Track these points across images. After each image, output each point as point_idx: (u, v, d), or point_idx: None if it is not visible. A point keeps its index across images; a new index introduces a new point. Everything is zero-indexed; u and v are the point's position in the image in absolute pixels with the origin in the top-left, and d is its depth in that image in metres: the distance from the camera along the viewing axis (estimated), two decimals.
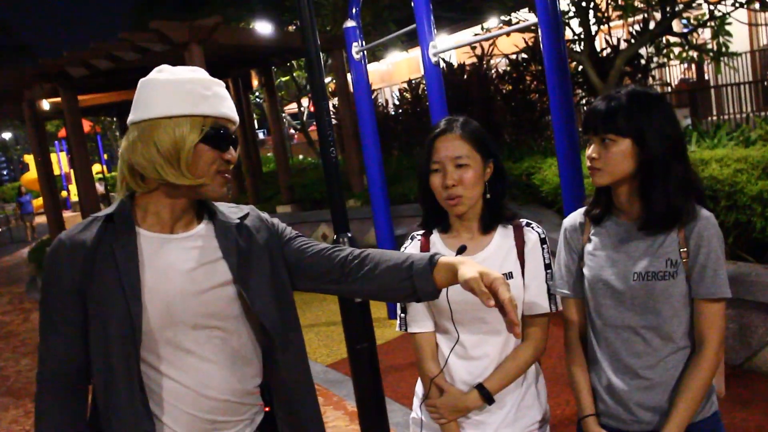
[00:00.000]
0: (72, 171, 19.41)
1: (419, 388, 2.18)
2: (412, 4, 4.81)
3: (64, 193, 26.12)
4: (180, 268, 1.62)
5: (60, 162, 26.80)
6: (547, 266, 2.06)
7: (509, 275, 2.01)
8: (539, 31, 3.79)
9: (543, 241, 2.06)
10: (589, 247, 2.01)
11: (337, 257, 1.74)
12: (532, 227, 2.08)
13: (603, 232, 1.98)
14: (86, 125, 21.35)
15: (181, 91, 1.57)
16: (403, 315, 2.12)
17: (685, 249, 1.84)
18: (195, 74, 1.63)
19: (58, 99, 10.07)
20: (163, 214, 1.65)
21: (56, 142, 27.10)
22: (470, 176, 1.96)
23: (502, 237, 2.06)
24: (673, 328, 1.88)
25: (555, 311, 2.07)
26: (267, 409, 1.79)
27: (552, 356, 4.87)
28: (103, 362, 1.56)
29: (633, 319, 1.91)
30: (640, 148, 1.84)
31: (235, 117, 1.67)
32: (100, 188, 18.37)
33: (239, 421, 1.70)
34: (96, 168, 27.95)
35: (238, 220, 1.75)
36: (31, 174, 26.20)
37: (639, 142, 1.83)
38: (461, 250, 1.74)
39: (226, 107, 1.63)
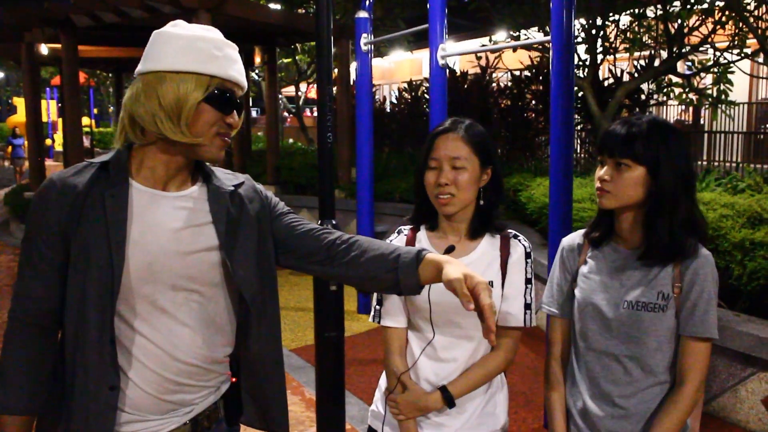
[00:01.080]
0: (60, 120, 19.21)
1: (383, 382, 2.18)
2: (428, 5, 4.80)
3: (48, 141, 25.83)
4: (167, 226, 1.60)
5: (48, 110, 26.49)
6: (528, 281, 2.05)
7: (490, 284, 1.99)
8: (550, 50, 3.80)
9: (528, 255, 2.06)
10: (584, 269, 2.01)
11: (325, 239, 1.74)
12: (519, 240, 2.07)
13: (600, 256, 1.98)
14: (81, 77, 21.12)
15: (191, 48, 1.55)
16: (378, 307, 2.12)
17: (679, 284, 1.84)
18: (208, 33, 1.60)
19: (58, 45, 9.96)
20: (158, 169, 1.63)
21: (48, 89, 26.78)
22: (465, 178, 1.95)
23: (489, 245, 2.05)
24: (656, 361, 1.88)
25: (529, 326, 2.06)
26: (234, 379, 1.78)
27: (514, 373, 4.90)
28: (77, 309, 1.54)
29: (617, 347, 1.91)
30: (652, 178, 1.83)
31: (243, 82, 1.65)
32: (85, 142, 18.17)
33: (204, 387, 1.69)
34: (84, 121, 27.62)
35: (233, 187, 1.73)
36: (18, 117, 25.88)
37: (653, 171, 1.83)
38: (449, 250, 1.74)
39: (235, 70, 1.61)
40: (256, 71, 19.36)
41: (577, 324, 2.00)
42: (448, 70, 11.47)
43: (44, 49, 11.57)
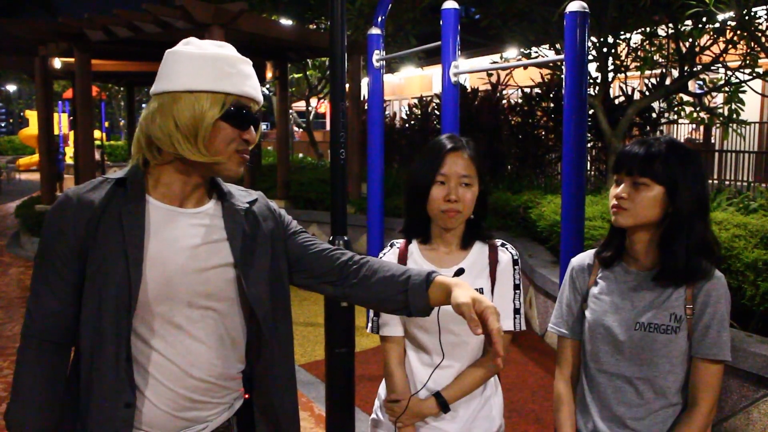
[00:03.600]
0: (71, 133, 19.30)
1: (382, 390, 2.25)
2: (441, 22, 4.82)
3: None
4: (184, 243, 1.60)
5: (60, 123, 26.66)
6: (516, 286, 2.14)
7: (480, 291, 2.08)
8: (564, 67, 3.80)
9: (515, 263, 2.15)
10: (594, 290, 2.00)
11: (338, 259, 1.75)
12: (507, 248, 2.17)
13: (611, 276, 1.98)
14: (93, 90, 21.25)
15: (205, 66, 1.55)
16: (375, 318, 2.19)
17: (692, 306, 1.83)
18: (221, 50, 1.61)
19: (71, 59, 10.04)
20: (175, 187, 1.63)
21: (59, 102, 26.98)
22: (471, 196, 2.06)
23: (478, 254, 2.14)
24: (668, 383, 1.88)
25: (519, 330, 2.13)
26: (246, 396, 1.78)
27: (524, 391, 4.88)
28: (93, 326, 1.54)
29: (628, 369, 1.90)
30: (670, 199, 1.84)
31: (259, 97, 1.65)
32: (96, 155, 18.26)
33: (218, 404, 1.69)
34: (96, 134, 27.81)
35: (247, 205, 1.74)
36: (30, 130, 26.05)
37: (671, 192, 1.84)
38: (459, 273, 1.77)
39: (250, 86, 1.61)
40: (267, 86, 19.45)
41: (588, 345, 1.99)
42: (459, 87, 11.47)
43: (57, 62, 11.68)
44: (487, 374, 2.13)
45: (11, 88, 44.97)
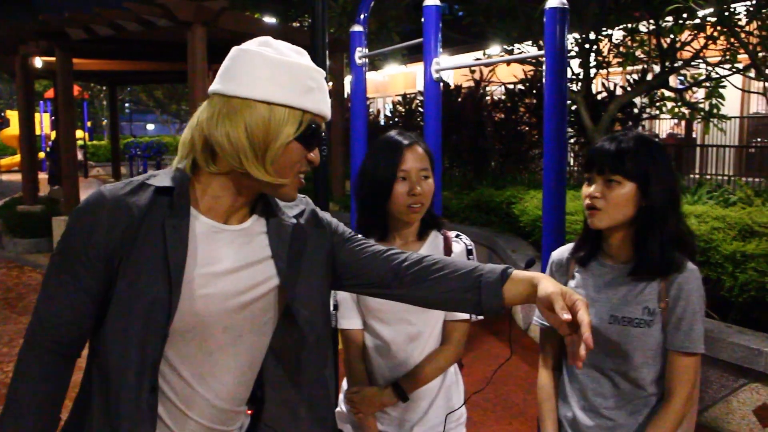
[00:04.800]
0: (53, 133, 19.17)
1: (344, 384, 2.28)
2: (423, 19, 4.84)
3: (41, 154, 25.80)
4: (226, 265, 1.45)
5: (42, 123, 26.47)
6: None
7: None
8: (544, 64, 3.84)
9: (469, 252, 2.19)
10: (571, 283, 2.03)
11: (393, 260, 1.60)
12: (461, 239, 2.21)
13: (587, 271, 2.00)
14: (75, 90, 21.11)
15: (286, 77, 1.39)
16: (334, 312, 2.20)
17: (665, 299, 1.85)
18: (302, 59, 1.43)
19: (52, 59, 9.97)
20: (224, 201, 1.47)
21: (41, 102, 26.78)
22: (431, 187, 2.10)
23: (433, 244, 2.18)
24: (643, 375, 1.89)
25: (474, 320, 2.15)
26: (249, 412, 1.65)
27: (508, 384, 4.91)
28: (116, 350, 1.38)
29: (604, 361, 1.93)
30: (642, 194, 1.84)
31: (329, 114, 1.49)
32: (79, 155, 18.12)
33: (233, 430, 1.58)
34: (78, 134, 27.58)
35: (294, 220, 1.57)
36: (12, 130, 25.79)
37: (643, 187, 1.84)
38: (530, 264, 1.77)
39: (326, 104, 1.46)
40: None
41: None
42: (442, 84, 11.49)
43: (39, 62, 11.58)
44: (446, 364, 2.16)
45: None
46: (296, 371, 1.58)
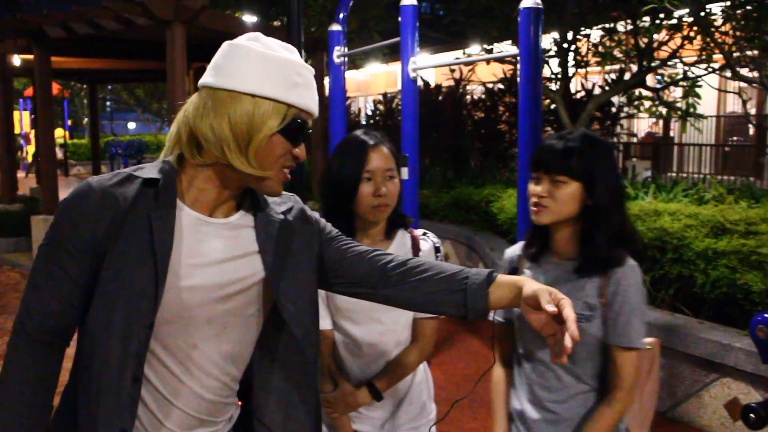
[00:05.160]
0: (33, 132, 19.03)
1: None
2: (399, 18, 4.88)
3: (19, 154, 25.60)
4: (211, 257, 1.46)
5: (21, 121, 26.26)
6: None
7: None
8: (519, 63, 3.89)
9: (437, 250, 2.21)
10: None
11: (379, 261, 1.60)
12: (428, 236, 2.23)
13: (537, 267, 2.03)
14: (55, 88, 20.98)
15: (273, 71, 1.41)
16: None
17: (605, 294, 1.88)
18: (291, 55, 1.45)
19: (31, 57, 9.89)
20: (209, 193, 1.48)
21: (21, 100, 26.57)
22: (396, 187, 2.10)
23: (400, 243, 2.18)
24: (585, 369, 1.94)
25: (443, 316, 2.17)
26: (240, 403, 1.68)
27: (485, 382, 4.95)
28: (99, 341, 1.40)
29: (549, 355, 1.96)
30: (588, 193, 1.88)
31: (317, 112, 1.51)
32: (59, 153, 18.02)
33: (221, 422, 1.59)
34: (58, 133, 27.39)
35: (282, 216, 1.58)
36: None
37: (588, 186, 1.88)
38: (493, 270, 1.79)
39: (313, 100, 1.48)
40: None
41: (517, 332, 2.07)
42: (422, 83, 11.56)
43: (17, 60, 11.49)
44: (418, 361, 2.18)
45: None
46: (284, 366, 1.60)
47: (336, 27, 6.08)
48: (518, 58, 3.92)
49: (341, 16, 6.10)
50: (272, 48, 1.44)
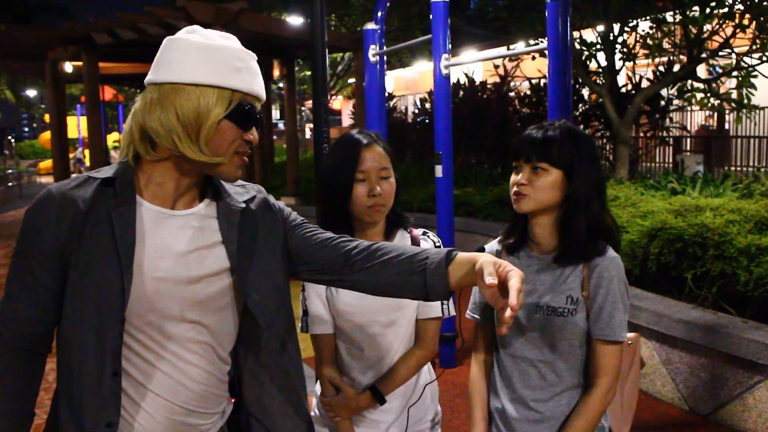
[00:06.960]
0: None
1: (318, 388, 2.24)
2: (431, 15, 4.83)
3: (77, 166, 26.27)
4: (175, 249, 1.48)
5: (79, 126, 26.95)
6: None
7: None
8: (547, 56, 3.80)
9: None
10: None
11: (343, 247, 1.60)
12: (428, 236, 2.18)
13: (516, 261, 2.00)
14: (109, 92, 21.45)
15: (213, 59, 1.43)
16: (305, 317, 2.17)
17: (587, 288, 1.87)
18: (229, 42, 1.48)
19: (80, 63, 10.15)
20: (168, 186, 1.50)
21: (78, 105, 27.27)
22: (391, 187, 2.06)
23: (400, 243, 2.11)
24: (569, 364, 1.91)
25: (447, 316, 2.14)
26: (233, 400, 1.69)
27: None
28: (73, 337, 1.42)
29: (531, 352, 1.94)
30: (568, 182, 1.88)
31: (263, 95, 1.53)
32: (115, 156, 18.44)
33: (213, 414, 1.60)
34: (114, 136, 28.10)
35: (244, 204, 1.60)
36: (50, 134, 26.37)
37: (568, 175, 1.87)
38: (480, 250, 1.77)
39: (258, 84, 1.50)
40: (279, 85, 19.57)
41: (497, 330, 2.00)
42: (468, 80, 11.45)
43: (68, 66, 11.80)
44: (421, 363, 2.13)
45: (31, 93, 45.52)
46: (261, 356, 1.61)
47: (371, 26, 6.05)
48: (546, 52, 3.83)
49: (379, 15, 6.07)
50: (210, 38, 1.47)
